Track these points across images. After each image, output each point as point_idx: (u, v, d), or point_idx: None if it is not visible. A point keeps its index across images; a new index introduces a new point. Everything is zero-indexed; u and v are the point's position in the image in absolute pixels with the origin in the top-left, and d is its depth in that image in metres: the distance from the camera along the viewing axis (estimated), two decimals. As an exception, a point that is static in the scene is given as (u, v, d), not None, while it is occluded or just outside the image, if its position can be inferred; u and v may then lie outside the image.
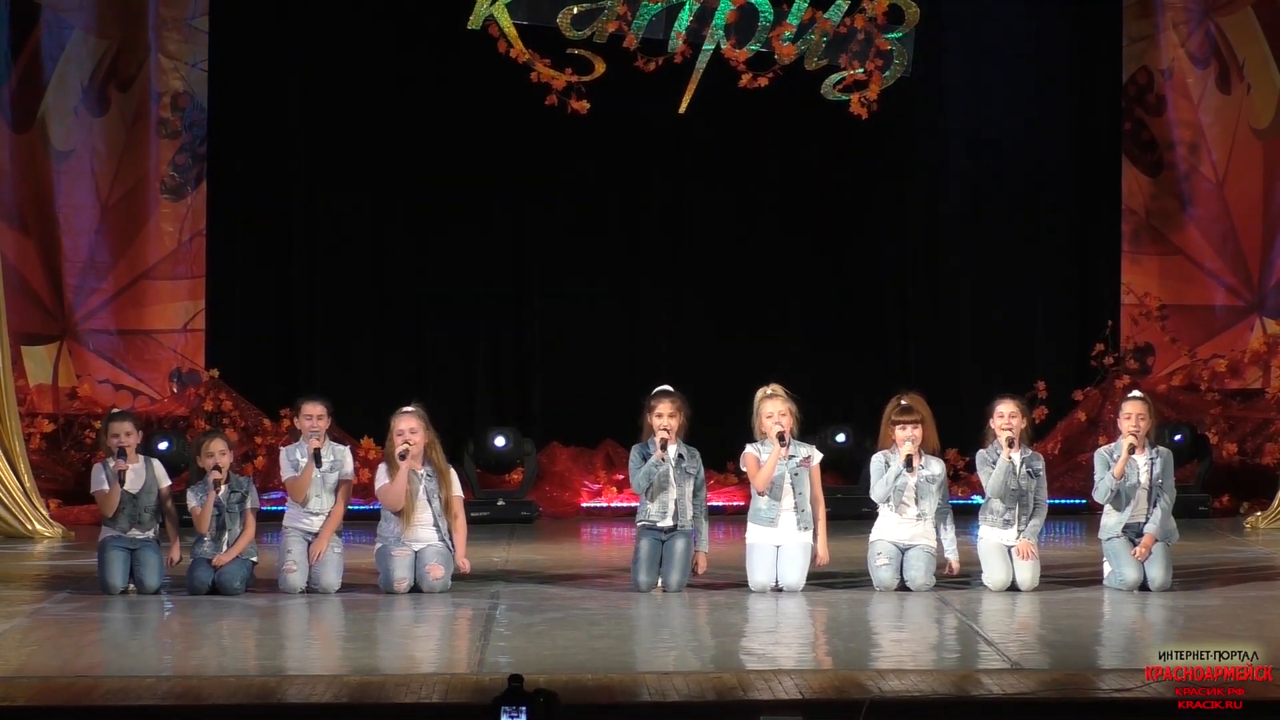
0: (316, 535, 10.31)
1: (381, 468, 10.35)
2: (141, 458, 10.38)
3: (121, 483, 10.21)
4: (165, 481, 10.43)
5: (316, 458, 10.29)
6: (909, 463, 10.22)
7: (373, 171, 14.99)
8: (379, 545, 10.33)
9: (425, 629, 9.30)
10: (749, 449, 10.37)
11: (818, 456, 10.41)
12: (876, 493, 10.33)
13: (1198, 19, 15.08)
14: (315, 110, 14.93)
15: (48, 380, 14.61)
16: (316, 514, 10.36)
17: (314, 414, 10.42)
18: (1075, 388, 15.17)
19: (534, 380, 15.16)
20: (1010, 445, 10.25)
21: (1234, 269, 15.16)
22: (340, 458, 10.46)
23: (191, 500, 10.31)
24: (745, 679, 7.77)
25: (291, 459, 10.41)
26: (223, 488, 10.23)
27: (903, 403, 10.37)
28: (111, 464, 10.27)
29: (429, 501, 10.28)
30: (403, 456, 10.20)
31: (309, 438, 10.38)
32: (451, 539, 10.32)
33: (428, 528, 10.28)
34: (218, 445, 10.34)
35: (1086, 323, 15.30)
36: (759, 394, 10.38)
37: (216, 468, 10.23)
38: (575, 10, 14.62)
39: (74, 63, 14.54)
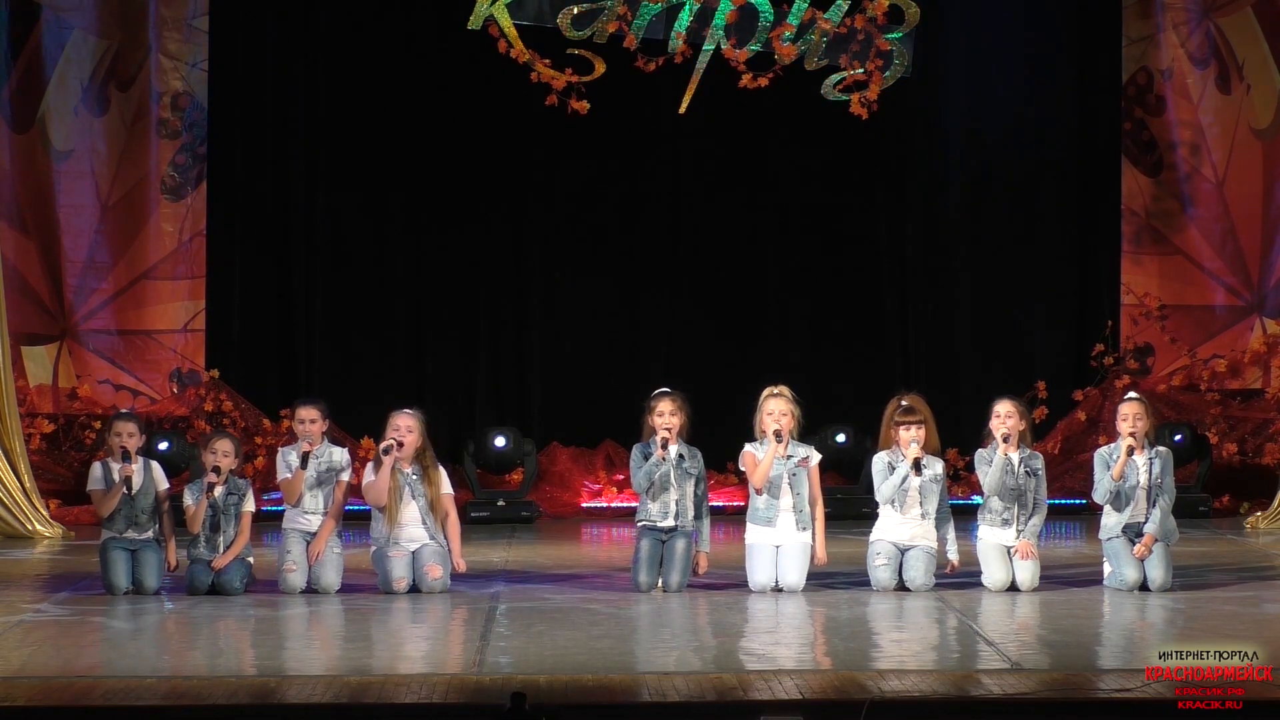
0: (315, 535, 10.33)
1: (369, 464, 10.38)
2: (141, 459, 10.38)
3: (127, 487, 10.21)
4: (163, 485, 10.43)
5: (304, 461, 10.31)
6: (917, 466, 10.22)
7: (373, 171, 14.99)
8: (373, 548, 10.33)
9: (425, 629, 9.30)
10: (748, 448, 10.37)
11: (816, 457, 10.41)
12: (882, 495, 10.33)
13: (1198, 19, 15.08)
14: (315, 110, 14.92)
15: (48, 380, 14.60)
16: (312, 513, 10.37)
17: (306, 418, 10.47)
18: (1075, 388, 15.17)
19: (534, 380, 15.16)
20: (1006, 441, 10.26)
21: (1234, 269, 15.17)
22: (336, 459, 10.46)
23: (188, 498, 10.31)
24: (745, 679, 7.77)
25: (286, 461, 10.44)
26: (219, 489, 10.23)
27: (904, 404, 10.38)
28: (115, 465, 10.27)
29: (413, 498, 10.28)
30: (387, 451, 10.21)
31: (300, 441, 10.42)
32: (441, 538, 10.30)
33: (415, 526, 10.28)
34: (224, 445, 10.34)
35: (1086, 323, 15.29)
36: (765, 392, 10.39)
37: (215, 468, 10.22)
38: (575, 10, 14.62)
39: (74, 63, 14.53)
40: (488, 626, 9.13)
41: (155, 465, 10.47)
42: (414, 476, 10.32)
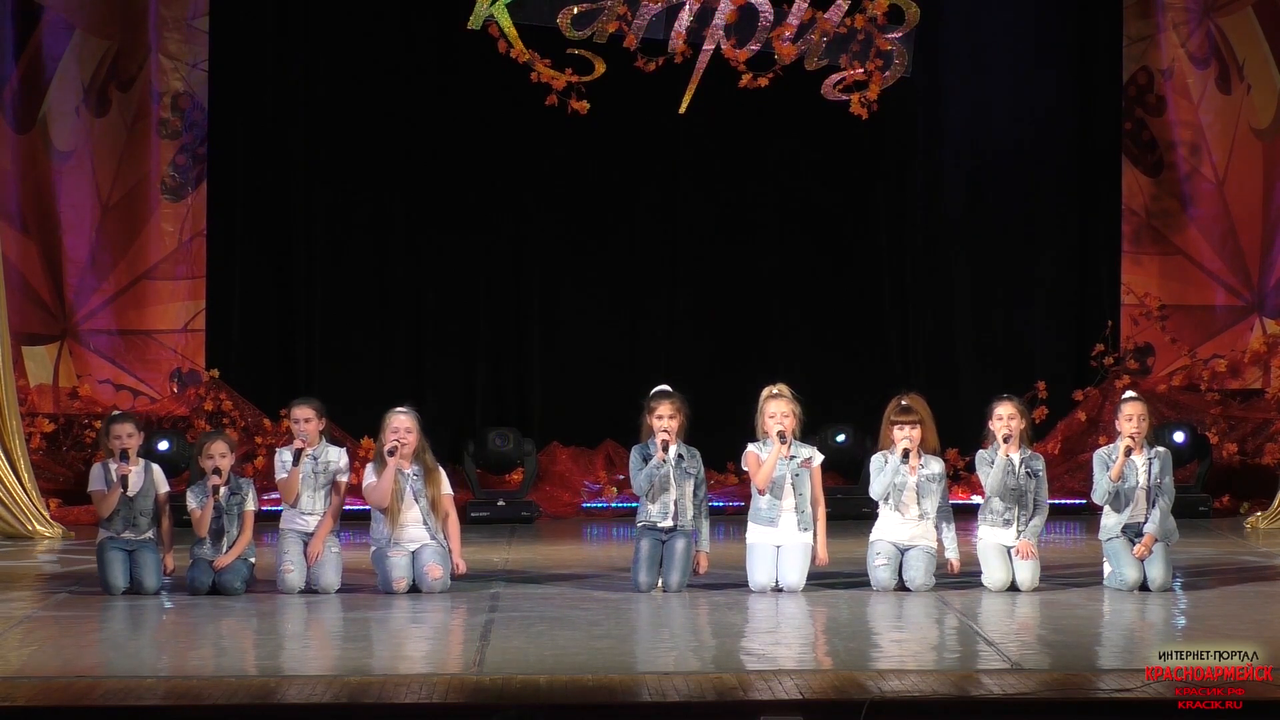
0: (312, 535, 10.32)
1: (370, 466, 10.37)
2: (142, 461, 10.38)
3: (124, 487, 10.21)
4: (164, 487, 10.42)
5: (296, 457, 10.32)
6: (905, 455, 10.21)
7: (373, 171, 14.99)
8: (373, 548, 10.33)
9: (424, 629, 9.29)
10: (751, 448, 10.37)
11: (819, 458, 10.41)
12: (876, 489, 10.33)
13: (1198, 19, 15.09)
14: (315, 110, 14.92)
15: (48, 380, 14.61)
16: (309, 514, 10.37)
17: (301, 416, 10.47)
18: (1075, 388, 15.17)
19: (534, 380, 15.16)
20: (1006, 442, 10.26)
21: (1234, 269, 15.17)
22: (334, 458, 10.45)
23: (191, 501, 10.30)
24: (745, 679, 7.77)
25: (281, 460, 10.44)
26: (222, 490, 10.22)
27: (902, 403, 10.37)
28: (114, 466, 10.26)
29: (415, 499, 10.28)
30: (391, 453, 10.21)
31: (295, 439, 10.42)
32: (441, 538, 10.30)
33: (417, 526, 10.28)
34: (218, 447, 10.32)
35: (1086, 323, 15.29)
36: (765, 392, 10.38)
37: (216, 470, 10.21)
38: (575, 10, 14.62)
39: (75, 63, 14.54)
40: (488, 626, 9.12)
41: (156, 468, 10.46)
42: (415, 477, 10.31)
